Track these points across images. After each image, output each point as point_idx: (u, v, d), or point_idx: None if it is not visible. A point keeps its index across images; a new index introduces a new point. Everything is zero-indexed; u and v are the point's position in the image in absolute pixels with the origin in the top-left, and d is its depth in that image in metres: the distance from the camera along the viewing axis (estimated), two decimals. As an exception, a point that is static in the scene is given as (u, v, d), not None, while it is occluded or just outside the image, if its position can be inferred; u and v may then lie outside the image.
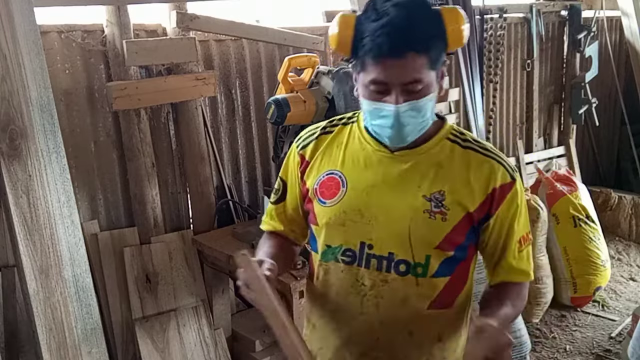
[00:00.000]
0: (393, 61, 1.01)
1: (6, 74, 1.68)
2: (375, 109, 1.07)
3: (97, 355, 1.82)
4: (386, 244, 1.11)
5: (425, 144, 1.13)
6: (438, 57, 1.06)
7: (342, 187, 1.14)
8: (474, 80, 3.16)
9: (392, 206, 1.11)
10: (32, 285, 1.70)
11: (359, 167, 1.15)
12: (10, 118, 1.69)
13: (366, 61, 1.04)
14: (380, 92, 1.05)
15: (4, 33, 1.67)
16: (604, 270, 3.38)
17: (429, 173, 1.11)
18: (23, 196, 1.70)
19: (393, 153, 1.13)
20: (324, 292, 1.18)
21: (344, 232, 1.13)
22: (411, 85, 1.03)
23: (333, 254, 1.15)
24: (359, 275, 1.13)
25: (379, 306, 1.12)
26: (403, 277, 1.10)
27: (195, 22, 2.25)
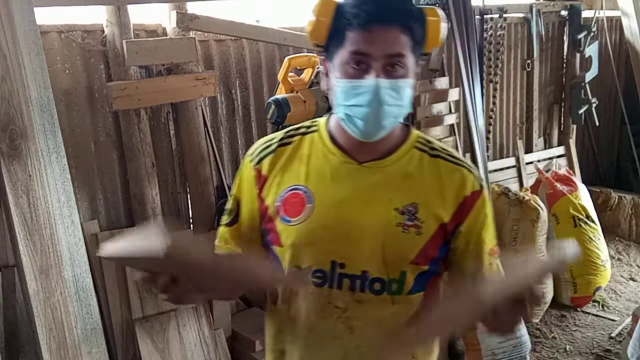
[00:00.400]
0: (379, 28, 0.97)
1: (6, 74, 1.68)
2: (353, 87, 1.00)
3: (97, 355, 1.82)
4: (359, 262, 1.04)
5: (394, 154, 1.08)
6: (418, 46, 1.03)
7: (308, 203, 1.05)
8: (474, 80, 3.16)
9: (363, 221, 1.04)
10: (32, 285, 1.70)
11: (326, 181, 1.06)
12: (10, 118, 1.69)
13: (347, 34, 0.99)
14: (360, 69, 0.99)
15: (4, 33, 1.67)
16: (604, 270, 3.39)
17: (400, 185, 1.06)
18: (23, 196, 1.70)
19: (361, 164, 1.06)
20: (293, 317, 1.09)
21: (312, 251, 1.05)
22: (395, 59, 0.99)
23: None
24: (331, 297, 1.05)
25: (354, 329, 1.06)
26: (378, 296, 1.04)
27: (195, 22, 2.25)
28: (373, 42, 0.98)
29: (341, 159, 1.07)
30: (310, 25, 1.05)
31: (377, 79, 0.98)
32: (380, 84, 0.98)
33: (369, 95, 0.99)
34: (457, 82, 3.34)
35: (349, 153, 1.07)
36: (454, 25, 3.04)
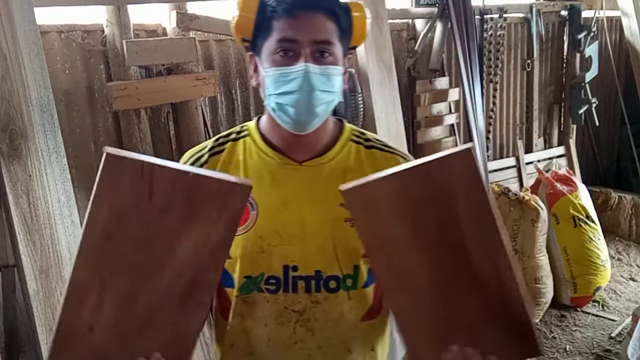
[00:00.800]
0: (305, 15, 0.97)
1: (6, 74, 1.68)
2: (282, 74, 0.98)
3: (97, 355, 1.83)
4: (311, 263, 1.03)
5: (332, 150, 1.07)
6: (345, 36, 1.03)
7: (251, 210, 1.03)
8: (474, 80, 3.16)
9: (310, 221, 1.03)
10: (32, 285, 1.70)
11: (266, 185, 1.04)
12: (10, 118, 1.69)
13: (274, 23, 0.98)
14: (288, 57, 0.98)
15: (4, 33, 1.67)
16: (604, 270, 3.39)
17: (342, 179, 1.03)
18: (23, 196, 1.70)
19: (301, 164, 1.05)
20: (248, 328, 1.07)
21: (263, 258, 1.03)
22: (322, 46, 0.98)
23: (255, 284, 1.04)
24: (287, 302, 1.03)
25: (314, 330, 1.05)
26: (335, 294, 1.04)
27: (195, 22, 2.25)
28: (300, 28, 0.97)
29: (279, 160, 1.06)
30: (234, 21, 1.04)
31: (307, 64, 0.97)
32: (310, 69, 0.97)
33: (299, 81, 0.97)
34: (457, 82, 3.34)
35: (285, 153, 1.06)
36: (454, 25, 3.04)
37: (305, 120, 1.01)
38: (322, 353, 1.06)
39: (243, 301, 1.06)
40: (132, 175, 0.81)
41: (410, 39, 3.20)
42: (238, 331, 1.08)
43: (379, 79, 2.58)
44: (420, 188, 0.86)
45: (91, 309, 0.83)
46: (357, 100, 2.54)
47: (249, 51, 1.07)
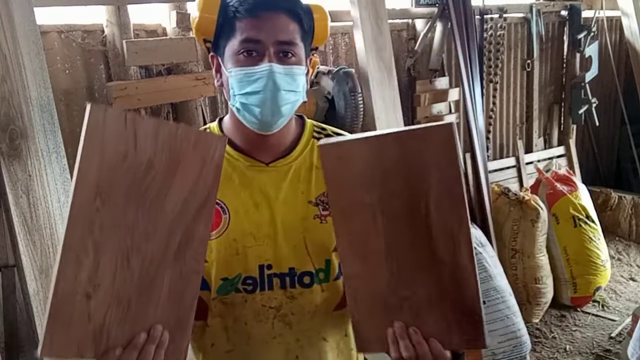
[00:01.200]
0: (267, 14, 0.97)
1: (6, 74, 1.68)
2: (247, 74, 0.98)
3: (97, 355, 1.82)
4: (285, 260, 1.05)
5: (296, 149, 1.09)
6: (307, 37, 1.04)
7: (223, 214, 1.04)
8: (474, 80, 3.16)
9: (281, 220, 1.05)
10: (32, 285, 1.70)
11: (235, 188, 1.05)
12: (10, 118, 1.69)
13: (236, 23, 0.98)
14: (252, 57, 0.98)
15: (4, 33, 1.68)
16: (604, 270, 3.39)
17: (309, 176, 1.07)
18: (23, 196, 1.70)
19: (268, 165, 1.07)
20: (228, 326, 1.09)
21: (239, 260, 1.05)
22: (286, 47, 0.99)
23: (232, 285, 1.06)
24: (264, 300, 1.06)
25: (292, 324, 1.08)
26: (309, 288, 1.07)
27: (195, 22, 2.26)
28: (262, 28, 0.97)
29: (246, 163, 1.07)
30: (195, 22, 1.04)
31: (271, 64, 0.97)
32: (275, 69, 0.97)
33: (264, 81, 0.98)
34: (457, 82, 3.34)
35: (251, 155, 1.07)
36: (454, 25, 3.04)
37: (271, 120, 1.01)
38: (300, 345, 1.09)
39: (221, 302, 1.08)
40: (117, 126, 0.81)
41: (410, 39, 3.20)
42: (218, 330, 1.10)
43: (379, 79, 2.58)
44: (396, 155, 0.87)
45: (87, 276, 0.81)
46: (357, 100, 2.54)
47: (210, 52, 1.07)
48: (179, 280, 0.89)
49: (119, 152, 0.82)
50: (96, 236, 0.81)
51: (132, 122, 0.82)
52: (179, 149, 0.86)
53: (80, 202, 0.80)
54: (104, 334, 0.83)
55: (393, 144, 0.88)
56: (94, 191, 0.80)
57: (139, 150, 0.83)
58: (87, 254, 0.80)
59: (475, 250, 1.03)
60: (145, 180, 0.84)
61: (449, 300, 0.89)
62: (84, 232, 0.80)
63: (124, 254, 0.84)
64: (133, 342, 0.84)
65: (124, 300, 0.84)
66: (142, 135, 0.83)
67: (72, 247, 0.79)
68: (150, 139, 0.84)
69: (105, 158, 0.81)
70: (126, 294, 0.84)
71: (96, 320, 0.82)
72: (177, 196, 0.87)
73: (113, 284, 0.83)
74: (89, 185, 0.80)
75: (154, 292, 0.87)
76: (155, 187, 0.85)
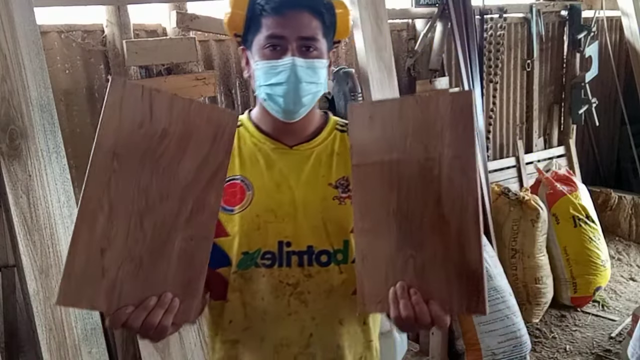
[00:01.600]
0: (291, 13, 1.05)
1: (6, 74, 1.68)
2: (271, 67, 1.07)
3: (97, 355, 1.82)
4: (303, 238, 1.11)
5: (319, 136, 1.17)
6: (329, 32, 1.11)
7: (247, 190, 1.11)
8: (474, 80, 3.16)
9: (302, 200, 1.11)
10: (32, 285, 1.70)
11: (260, 168, 1.13)
12: (10, 118, 1.69)
13: (263, 20, 1.07)
14: (277, 51, 1.07)
15: (4, 33, 1.68)
16: (604, 270, 3.39)
17: (330, 162, 1.14)
18: (23, 196, 1.70)
19: (292, 148, 1.15)
20: (246, 302, 1.13)
21: (259, 235, 1.10)
22: (308, 42, 1.07)
23: (252, 260, 1.11)
24: (281, 276, 1.11)
25: (307, 302, 1.11)
26: (326, 267, 1.11)
27: (195, 22, 2.25)
28: (287, 25, 1.06)
29: (271, 145, 1.15)
30: (226, 17, 1.12)
31: (294, 58, 1.06)
32: (297, 62, 1.06)
33: (287, 73, 1.06)
34: (457, 82, 3.34)
35: (277, 138, 1.15)
36: (454, 25, 3.04)
37: (293, 109, 1.10)
38: (315, 324, 1.13)
39: (241, 276, 1.12)
40: (134, 97, 0.90)
41: (410, 39, 3.20)
42: (237, 305, 1.13)
43: (379, 79, 2.58)
44: (417, 117, 0.94)
45: (101, 232, 0.87)
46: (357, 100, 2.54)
47: (240, 45, 1.15)
48: (190, 244, 0.94)
49: (136, 120, 0.90)
50: (112, 195, 0.88)
51: (148, 94, 0.90)
52: (192, 122, 0.93)
53: (98, 162, 0.88)
54: (116, 290, 0.88)
55: (415, 105, 0.94)
56: (112, 153, 0.88)
57: (154, 120, 0.90)
58: (102, 211, 0.87)
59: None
60: (159, 148, 0.91)
61: (452, 262, 0.91)
62: (101, 191, 0.88)
63: (137, 215, 0.90)
64: (143, 304, 0.89)
65: (136, 258, 0.90)
66: (158, 107, 0.91)
67: (89, 203, 0.87)
68: (165, 111, 0.91)
69: (123, 125, 0.89)
70: (138, 253, 0.90)
71: (109, 275, 0.88)
72: (190, 165, 0.93)
73: (126, 242, 0.89)
74: (107, 148, 0.88)
75: (165, 253, 0.92)
76: (169, 154, 0.92)
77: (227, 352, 1.17)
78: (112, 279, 0.88)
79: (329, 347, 1.14)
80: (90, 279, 0.87)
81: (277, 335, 1.13)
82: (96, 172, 0.87)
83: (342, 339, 1.15)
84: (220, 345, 1.18)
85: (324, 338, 1.14)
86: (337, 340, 1.15)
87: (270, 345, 1.13)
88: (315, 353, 1.13)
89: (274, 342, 1.13)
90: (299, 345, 1.13)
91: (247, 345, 1.15)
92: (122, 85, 0.89)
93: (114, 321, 0.89)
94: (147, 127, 0.90)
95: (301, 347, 1.13)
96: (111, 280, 0.88)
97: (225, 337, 1.17)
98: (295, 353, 1.13)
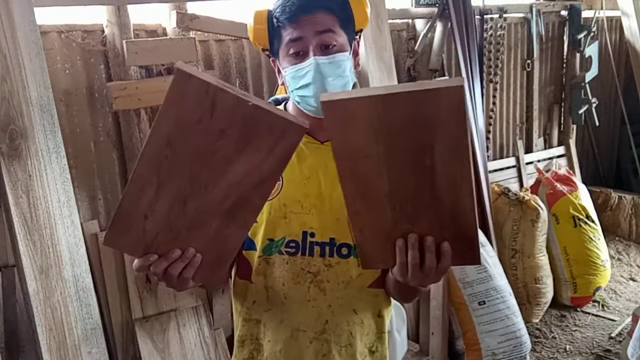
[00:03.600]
0: (305, 17, 1.10)
1: (6, 74, 1.68)
2: (297, 71, 1.13)
3: (97, 355, 1.82)
4: (327, 231, 1.16)
5: None
6: (347, 24, 1.15)
7: (277, 181, 1.14)
8: (474, 80, 3.16)
9: (328, 194, 1.16)
10: (32, 285, 1.70)
11: (292, 160, 1.15)
12: (10, 118, 1.69)
13: (282, 31, 1.13)
14: (300, 56, 1.12)
15: (4, 33, 1.68)
16: (604, 270, 3.39)
17: None
18: (23, 196, 1.70)
19: (323, 143, 1.19)
20: (269, 286, 1.20)
21: (285, 224, 1.17)
22: (325, 37, 1.11)
23: (276, 247, 1.17)
24: (303, 264, 1.17)
25: (326, 291, 1.17)
26: (346, 259, 1.17)
27: (195, 22, 2.25)
28: (303, 27, 1.11)
29: (304, 139, 1.17)
30: (251, 34, 1.19)
31: (315, 57, 1.11)
32: (319, 61, 1.11)
33: (311, 73, 1.11)
34: (457, 82, 3.34)
35: (310, 134, 1.19)
36: (454, 25, 3.04)
37: None
38: (331, 311, 1.19)
39: (265, 261, 1.18)
40: (198, 92, 0.88)
41: (410, 39, 3.20)
42: (260, 288, 1.20)
43: (379, 79, 2.58)
44: (403, 115, 0.88)
45: (147, 202, 0.93)
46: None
47: (270, 57, 1.22)
48: (226, 230, 0.98)
49: (195, 115, 0.89)
50: (161, 176, 0.92)
51: (213, 92, 0.87)
52: (254, 128, 0.91)
53: (152, 147, 0.90)
54: (152, 248, 0.96)
55: (400, 103, 0.88)
56: (166, 141, 0.90)
57: (214, 118, 0.89)
58: (151, 186, 0.92)
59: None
60: (214, 146, 0.91)
61: (448, 231, 0.96)
62: (152, 170, 0.91)
63: (181, 197, 0.94)
64: (167, 255, 0.96)
65: (174, 230, 0.95)
66: (220, 107, 0.88)
67: (140, 177, 0.92)
68: (228, 112, 0.89)
69: (181, 117, 0.89)
70: (177, 227, 0.95)
71: (148, 236, 0.95)
72: (241, 167, 0.93)
73: (168, 216, 0.94)
74: (162, 135, 0.89)
75: (201, 232, 0.97)
76: (223, 153, 0.92)
77: (250, 330, 1.23)
78: (150, 238, 0.95)
79: (343, 335, 1.20)
80: (132, 234, 0.95)
81: (295, 320, 1.19)
82: (150, 154, 0.90)
83: (355, 328, 1.21)
84: (244, 322, 1.24)
85: (339, 326, 1.19)
86: (351, 328, 1.20)
87: (288, 328, 1.19)
88: (330, 339, 1.19)
89: (292, 325, 1.19)
90: (314, 331, 1.19)
91: (268, 326, 1.21)
92: (187, 78, 0.87)
93: (139, 264, 0.98)
94: (206, 125, 0.89)
95: (317, 332, 1.19)
96: (150, 240, 0.95)
97: (249, 315, 1.23)
98: (310, 338, 1.19)
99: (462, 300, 2.80)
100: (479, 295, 2.78)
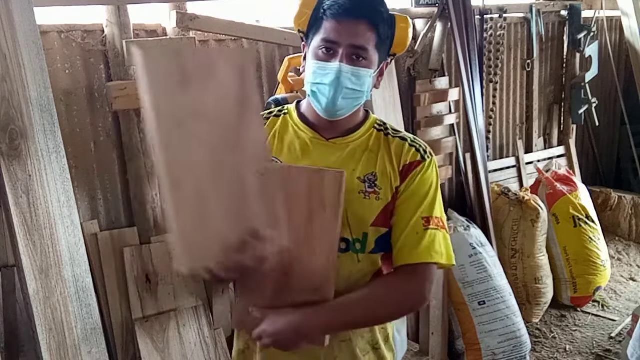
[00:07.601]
0: (348, 21, 1.13)
1: (6, 74, 1.68)
2: (320, 67, 1.17)
3: (97, 355, 1.83)
4: None
5: (356, 132, 1.25)
6: (383, 45, 1.19)
7: None
8: (474, 80, 3.16)
9: None
10: (32, 285, 1.70)
11: (296, 155, 1.23)
12: (10, 118, 1.69)
13: (323, 23, 1.15)
14: (328, 54, 1.16)
15: (4, 33, 1.68)
16: (604, 270, 3.39)
17: (362, 157, 1.22)
18: (23, 196, 1.70)
19: (328, 140, 1.23)
20: None
21: None
22: (357, 51, 1.14)
23: None
24: None
25: None
26: (344, 254, 1.19)
27: (195, 22, 2.25)
28: (342, 32, 1.14)
29: (310, 135, 1.24)
30: (295, 14, 1.23)
31: (341, 64, 1.15)
32: (343, 69, 1.15)
33: (332, 76, 1.15)
34: (457, 82, 3.34)
35: (317, 130, 1.24)
36: (454, 25, 3.04)
37: (332, 109, 1.19)
38: None
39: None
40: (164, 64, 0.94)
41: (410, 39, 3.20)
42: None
43: (379, 79, 2.58)
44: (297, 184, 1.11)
45: (191, 190, 0.93)
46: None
47: (303, 41, 1.26)
48: (260, 179, 1.01)
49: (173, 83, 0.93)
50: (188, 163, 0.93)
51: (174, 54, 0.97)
52: (212, 64, 0.97)
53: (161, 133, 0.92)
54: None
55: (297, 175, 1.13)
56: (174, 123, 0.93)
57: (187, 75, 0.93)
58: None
59: (475, 250, 1.09)
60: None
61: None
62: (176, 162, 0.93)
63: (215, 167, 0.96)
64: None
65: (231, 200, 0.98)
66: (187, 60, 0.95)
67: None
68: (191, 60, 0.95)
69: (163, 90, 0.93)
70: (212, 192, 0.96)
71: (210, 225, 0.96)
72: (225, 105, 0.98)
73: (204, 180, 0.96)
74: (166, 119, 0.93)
75: (247, 190, 1.00)
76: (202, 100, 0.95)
77: None
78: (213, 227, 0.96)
79: (345, 333, 1.22)
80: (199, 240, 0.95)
81: None
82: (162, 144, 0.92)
83: None
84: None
85: None
86: None
87: None
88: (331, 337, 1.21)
89: None
90: None
91: None
92: (146, 57, 0.91)
93: None
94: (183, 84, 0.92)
95: None
96: (212, 230, 0.96)
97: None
98: None
99: (462, 300, 2.80)
100: (479, 295, 2.78)
